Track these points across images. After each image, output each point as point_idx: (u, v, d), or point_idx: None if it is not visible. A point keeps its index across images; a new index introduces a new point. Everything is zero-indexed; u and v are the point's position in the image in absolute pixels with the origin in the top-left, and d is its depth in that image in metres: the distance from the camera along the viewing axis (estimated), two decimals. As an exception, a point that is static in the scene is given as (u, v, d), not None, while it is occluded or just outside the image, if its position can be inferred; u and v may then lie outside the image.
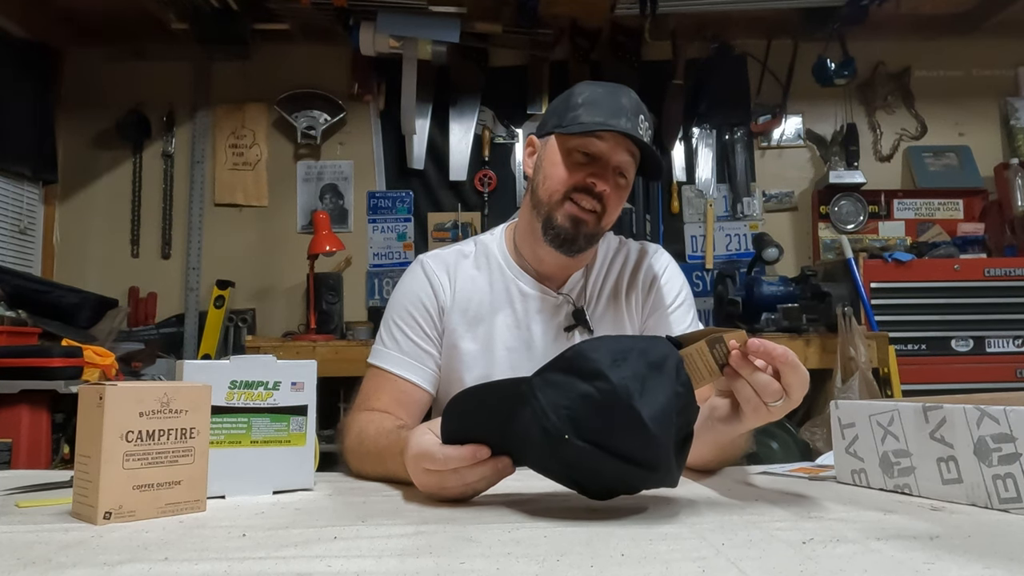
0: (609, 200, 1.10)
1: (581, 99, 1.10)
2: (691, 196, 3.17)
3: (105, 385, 0.68)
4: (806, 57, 3.12)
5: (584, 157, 1.10)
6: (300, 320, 3.01)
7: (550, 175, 1.12)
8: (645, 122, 1.10)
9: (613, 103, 1.08)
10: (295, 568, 0.54)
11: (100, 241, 3.14)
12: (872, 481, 0.81)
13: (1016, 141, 3.14)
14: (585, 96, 1.10)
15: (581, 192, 1.09)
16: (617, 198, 1.12)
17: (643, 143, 1.08)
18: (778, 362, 0.74)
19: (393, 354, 1.14)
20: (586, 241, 1.12)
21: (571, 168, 1.10)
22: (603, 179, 1.09)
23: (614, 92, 1.10)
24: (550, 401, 0.67)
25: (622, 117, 1.06)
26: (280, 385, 0.84)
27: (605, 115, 1.07)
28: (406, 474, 0.79)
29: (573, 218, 1.09)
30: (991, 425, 0.69)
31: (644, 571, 0.53)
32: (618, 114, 1.07)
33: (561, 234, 1.10)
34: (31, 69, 2.97)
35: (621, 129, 1.05)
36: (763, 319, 2.49)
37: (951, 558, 0.54)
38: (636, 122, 1.08)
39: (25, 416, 1.98)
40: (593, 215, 1.10)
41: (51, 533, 0.64)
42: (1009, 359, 2.61)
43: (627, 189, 1.14)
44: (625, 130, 1.05)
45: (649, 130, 1.11)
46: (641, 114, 1.09)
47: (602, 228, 1.13)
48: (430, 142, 3.15)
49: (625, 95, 1.10)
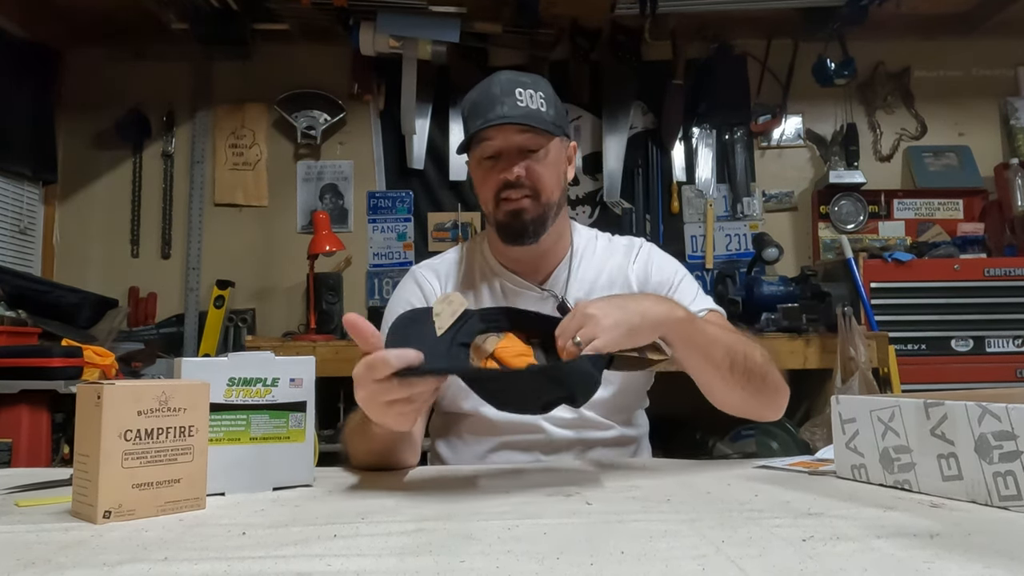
0: (533, 176, 1.12)
1: (466, 112, 1.16)
2: (691, 196, 3.17)
3: (103, 384, 0.68)
4: (806, 57, 3.11)
5: (489, 161, 1.14)
6: (300, 320, 3.01)
7: (479, 191, 1.19)
8: (527, 90, 1.12)
9: (486, 98, 1.12)
10: (295, 567, 0.54)
11: (100, 241, 3.13)
12: (872, 477, 0.80)
13: (1016, 141, 3.14)
14: (467, 108, 1.16)
15: (506, 190, 1.13)
16: (541, 168, 1.13)
17: (523, 118, 1.10)
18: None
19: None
20: (537, 225, 1.14)
21: (485, 176, 1.15)
22: (510, 168, 1.12)
23: (486, 86, 1.14)
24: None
25: (496, 106, 1.10)
26: (279, 381, 0.84)
27: (483, 114, 1.11)
28: (380, 428, 0.83)
29: (511, 212, 1.13)
30: (992, 422, 0.69)
31: (644, 569, 0.52)
32: (492, 105, 1.10)
33: (510, 229, 1.14)
34: (31, 69, 2.96)
35: (494, 122, 1.09)
36: (763, 319, 2.48)
37: (951, 556, 0.54)
38: (513, 100, 1.11)
39: (25, 416, 1.99)
40: (527, 199, 1.13)
41: (51, 532, 0.64)
42: (1009, 359, 2.60)
43: (551, 153, 1.15)
44: (499, 119, 1.09)
45: (536, 92, 1.12)
46: (518, 88, 1.12)
47: (546, 206, 1.14)
48: (430, 142, 3.15)
49: (496, 83, 1.13)
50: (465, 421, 1.18)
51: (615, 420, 1.18)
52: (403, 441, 0.98)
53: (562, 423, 1.15)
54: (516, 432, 1.14)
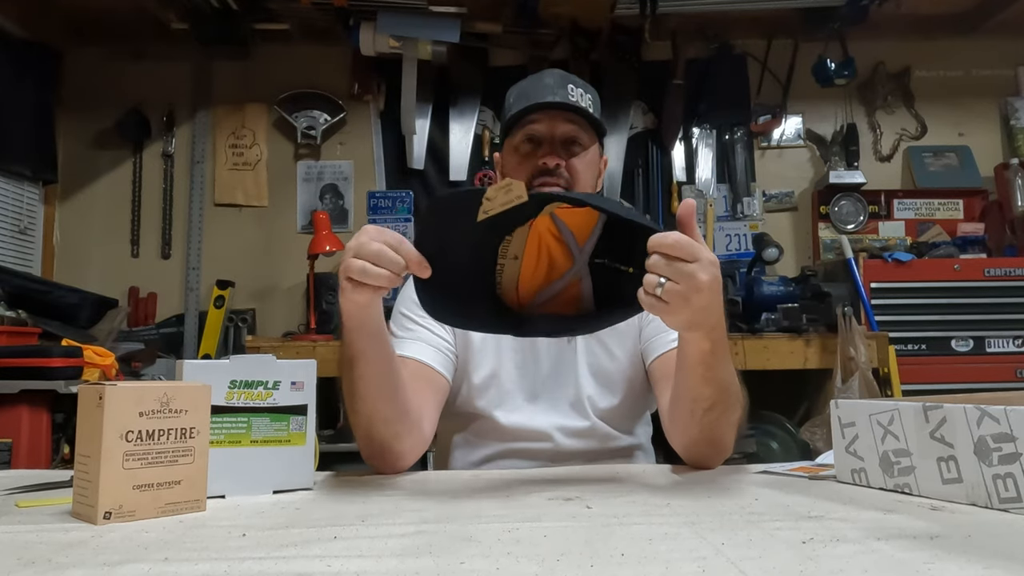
0: (573, 170, 1.12)
1: (512, 98, 1.17)
2: (691, 196, 3.17)
3: (105, 385, 0.68)
4: (806, 57, 3.11)
5: (529, 145, 1.14)
6: (300, 320, 3.00)
7: (510, 175, 1.16)
8: (577, 88, 1.14)
9: (537, 87, 1.14)
10: (295, 568, 0.54)
11: (100, 241, 3.13)
12: (872, 480, 0.80)
13: (1016, 141, 3.14)
14: (514, 95, 1.17)
15: (542, 177, 1.11)
16: (582, 164, 1.14)
17: (576, 106, 1.11)
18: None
19: (406, 340, 1.11)
20: None
21: (522, 161, 1.14)
22: (553, 155, 1.12)
23: (538, 77, 1.16)
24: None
25: (548, 94, 1.12)
26: (280, 385, 0.84)
27: (532, 99, 1.12)
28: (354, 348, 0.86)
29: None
30: (991, 425, 0.69)
31: (644, 571, 0.53)
32: (543, 93, 1.12)
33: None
34: (31, 69, 2.96)
35: (546, 101, 1.10)
36: (763, 319, 2.48)
37: (951, 558, 0.54)
38: (565, 92, 1.12)
39: (25, 416, 1.98)
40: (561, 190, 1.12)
41: (51, 533, 0.64)
42: (1009, 359, 2.60)
43: (590, 154, 1.16)
44: (552, 100, 1.10)
45: (586, 94, 1.14)
46: (570, 84, 1.13)
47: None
48: (430, 142, 3.15)
49: (549, 75, 1.15)
50: (474, 423, 1.16)
51: (623, 430, 1.17)
52: (392, 401, 0.93)
53: (571, 432, 1.14)
54: (524, 440, 1.13)
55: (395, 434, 0.95)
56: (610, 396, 1.16)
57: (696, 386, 0.88)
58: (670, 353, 1.06)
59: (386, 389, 0.92)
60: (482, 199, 0.79)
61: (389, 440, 0.95)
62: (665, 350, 1.10)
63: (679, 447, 0.99)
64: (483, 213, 0.79)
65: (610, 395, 1.16)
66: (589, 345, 1.17)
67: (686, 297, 0.74)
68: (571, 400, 1.15)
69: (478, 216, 0.79)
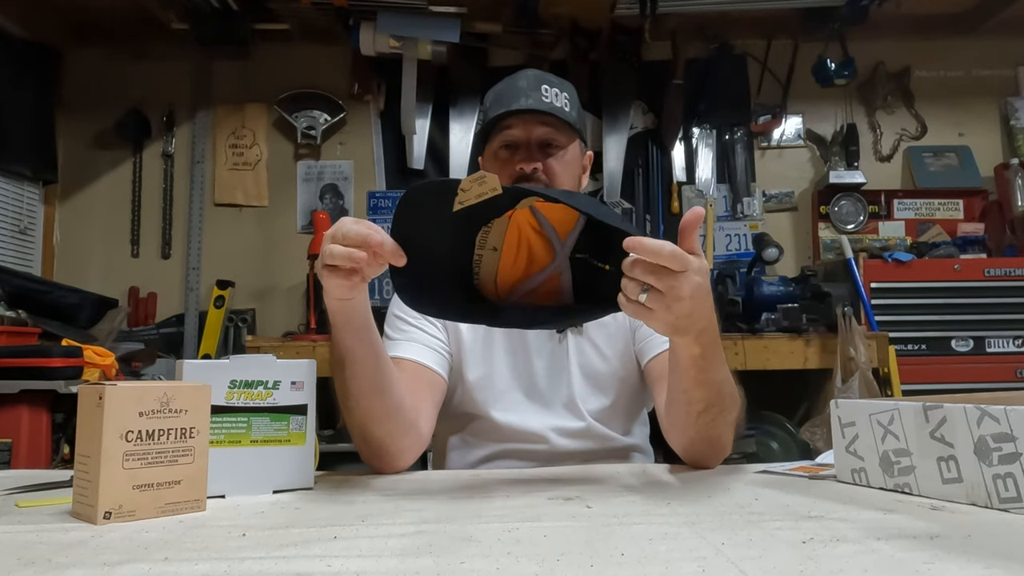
0: (551, 171, 1.12)
1: (488, 103, 1.17)
2: (691, 196, 3.16)
3: (105, 385, 0.68)
4: (806, 57, 3.12)
5: (507, 151, 1.14)
6: (300, 320, 3.00)
7: None
8: (552, 88, 1.13)
9: (511, 90, 1.13)
10: (295, 568, 0.54)
11: (100, 241, 3.13)
12: (872, 480, 0.80)
13: (1016, 141, 3.14)
14: (491, 98, 1.17)
15: (521, 182, 1.11)
16: (559, 165, 1.14)
17: (548, 110, 1.11)
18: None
19: (401, 341, 1.11)
20: None
21: (500, 168, 1.14)
22: (529, 159, 1.12)
23: (512, 79, 1.15)
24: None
25: (521, 97, 1.12)
26: (280, 384, 0.84)
27: (506, 104, 1.12)
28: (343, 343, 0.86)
29: None
30: (991, 424, 0.69)
31: (644, 571, 0.53)
32: (517, 96, 1.12)
33: None
34: (31, 69, 2.96)
35: (518, 108, 1.10)
36: (763, 319, 2.48)
37: (951, 558, 0.54)
38: (538, 94, 1.12)
39: (25, 416, 1.98)
40: None
41: (51, 533, 0.64)
42: (1009, 359, 2.60)
43: (569, 153, 1.15)
44: (524, 107, 1.10)
45: (562, 93, 1.14)
46: (544, 84, 1.13)
47: None
48: (430, 142, 3.15)
49: (523, 77, 1.15)
50: (471, 424, 1.16)
51: (618, 431, 1.17)
52: (385, 397, 0.92)
53: (567, 433, 1.13)
54: (520, 441, 1.13)
55: (388, 432, 0.94)
56: (602, 397, 1.16)
57: (690, 388, 0.88)
58: (665, 354, 1.06)
59: (377, 387, 0.92)
60: (457, 190, 0.79)
61: (384, 439, 0.95)
62: (660, 351, 1.10)
63: (677, 447, 0.99)
64: (458, 204, 0.80)
65: (602, 396, 1.16)
66: (580, 345, 1.17)
67: (667, 305, 0.75)
68: (564, 401, 1.15)
69: (453, 206, 0.80)
